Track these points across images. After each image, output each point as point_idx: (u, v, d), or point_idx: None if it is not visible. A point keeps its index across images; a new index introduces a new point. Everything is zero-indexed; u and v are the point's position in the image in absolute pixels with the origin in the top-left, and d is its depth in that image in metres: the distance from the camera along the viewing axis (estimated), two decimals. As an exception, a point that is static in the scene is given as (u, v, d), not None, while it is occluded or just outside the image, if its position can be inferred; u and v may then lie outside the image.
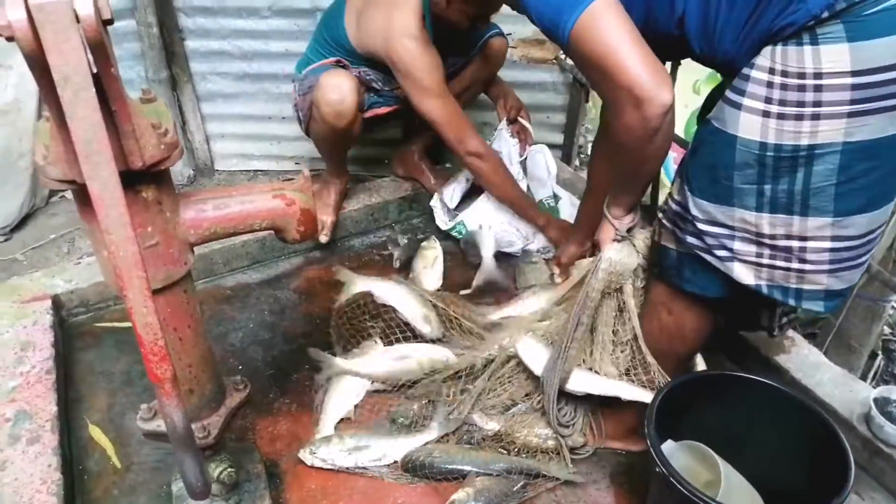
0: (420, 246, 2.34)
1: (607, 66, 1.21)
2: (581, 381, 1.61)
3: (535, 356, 1.69)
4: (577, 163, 2.98)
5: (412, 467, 1.64)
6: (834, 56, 1.05)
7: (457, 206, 2.47)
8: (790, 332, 1.95)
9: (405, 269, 2.33)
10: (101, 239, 1.06)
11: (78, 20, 0.79)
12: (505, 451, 1.69)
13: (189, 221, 1.12)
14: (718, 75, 2.51)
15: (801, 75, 1.08)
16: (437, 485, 1.63)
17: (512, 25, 2.70)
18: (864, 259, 1.25)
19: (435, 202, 2.48)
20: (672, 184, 1.40)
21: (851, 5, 1.01)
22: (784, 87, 1.10)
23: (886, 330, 2.63)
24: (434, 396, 1.80)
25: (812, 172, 1.14)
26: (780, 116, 1.12)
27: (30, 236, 2.68)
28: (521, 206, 2.28)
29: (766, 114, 1.13)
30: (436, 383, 1.81)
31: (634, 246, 1.56)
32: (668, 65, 2.16)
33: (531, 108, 2.88)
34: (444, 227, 2.44)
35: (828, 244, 1.20)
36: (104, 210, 0.87)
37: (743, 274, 1.27)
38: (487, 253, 2.30)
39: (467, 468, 1.63)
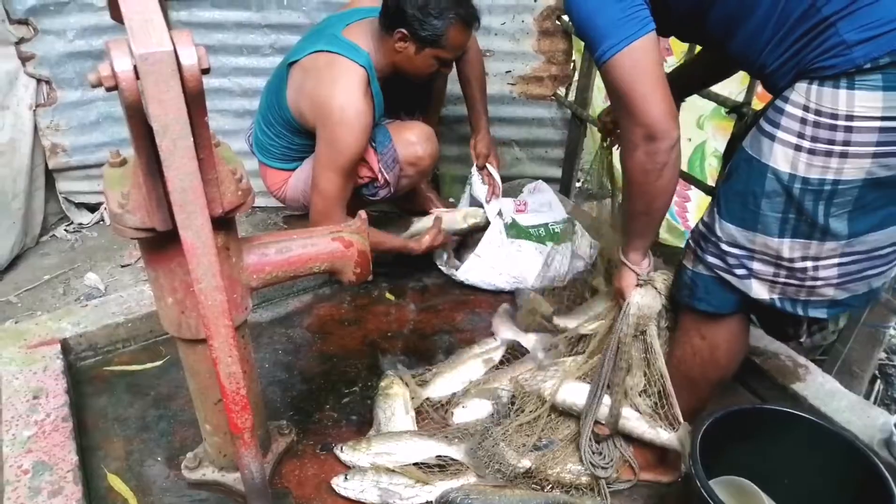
0: (379, 388, 1.95)
1: (632, 102, 1.32)
2: (629, 419, 1.66)
3: (579, 393, 1.72)
4: (574, 196, 3.03)
5: (447, 508, 1.63)
6: (867, 102, 1.12)
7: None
8: (804, 361, 2.00)
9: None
10: (168, 285, 1.05)
11: (180, 70, 0.79)
12: (539, 488, 1.69)
13: (252, 266, 1.11)
14: (723, 111, 2.62)
15: (834, 116, 1.15)
16: (473, 525, 1.62)
17: (511, 63, 2.77)
18: (869, 273, 1.32)
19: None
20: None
21: (894, 62, 1.08)
22: (817, 124, 1.17)
23: (882, 355, 2.71)
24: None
25: (832, 203, 1.22)
26: (811, 152, 1.19)
27: (22, 277, 2.61)
28: (396, 247, 2.32)
29: (798, 147, 1.20)
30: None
31: (656, 288, 1.61)
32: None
33: (530, 144, 2.95)
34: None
35: (836, 260, 1.29)
36: (196, 259, 0.86)
37: (759, 291, 1.36)
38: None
39: (504, 507, 1.62)
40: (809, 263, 1.30)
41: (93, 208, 2.93)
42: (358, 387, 2.02)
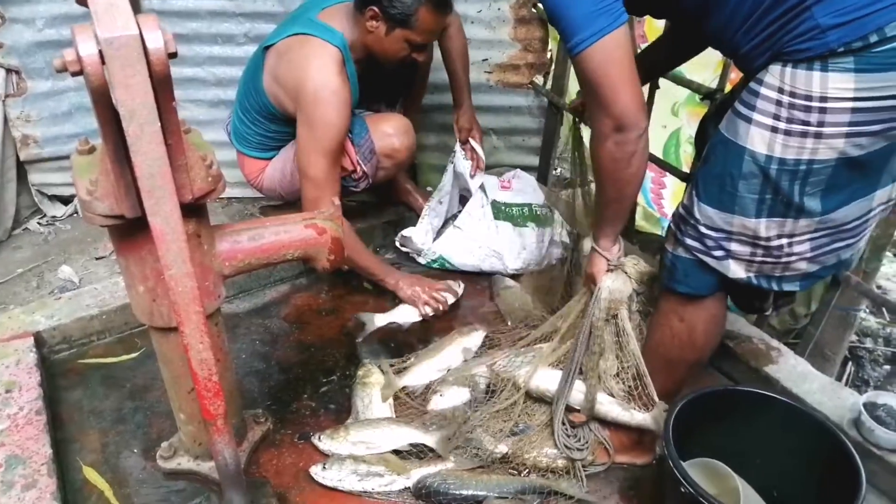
0: (357, 377, 1.95)
1: (603, 94, 1.34)
2: (604, 403, 1.68)
3: (552, 380, 1.75)
4: (551, 184, 3.04)
5: (425, 493, 1.63)
6: (840, 83, 1.15)
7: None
8: (776, 344, 2.03)
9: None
10: (139, 273, 1.04)
11: (146, 55, 0.79)
12: (516, 473, 1.70)
13: (224, 253, 1.11)
14: (696, 98, 2.65)
15: (808, 97, 1.18)
16: (451, 510, 1.63)
17: (488, 51, 2.77)
18: (838, 245, 1.36)
19: (409, 242, 2.51)
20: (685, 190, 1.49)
21: (865, 45, 1.11)
22: (792, 106, 1.20)
23: (854, 338, 2.76)
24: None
25: (808, 183, 1.25)
26: (787, 133, 1.22)
27: (-6, 271, 2.57)
28: (369, 267, 2.24)
29: (774, 129, 1.23)
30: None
31: (626, 273, 1.65)
32: (646, 89, 2.26)
33: (506, 132, 2.96)
34: (423, 261, 2.50)
35: (809, 236, 1.33)
36: (165, 245, 0.86)
37: (736, 270, 1.40)
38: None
39: (481, 492, 1.63)
40: (785, 241, 1.33)
41: (66, 200, 2.89)
42: (336, 376, 2.02)
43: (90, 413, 1.87)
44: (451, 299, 2.29)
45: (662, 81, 2.29)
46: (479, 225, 2.46)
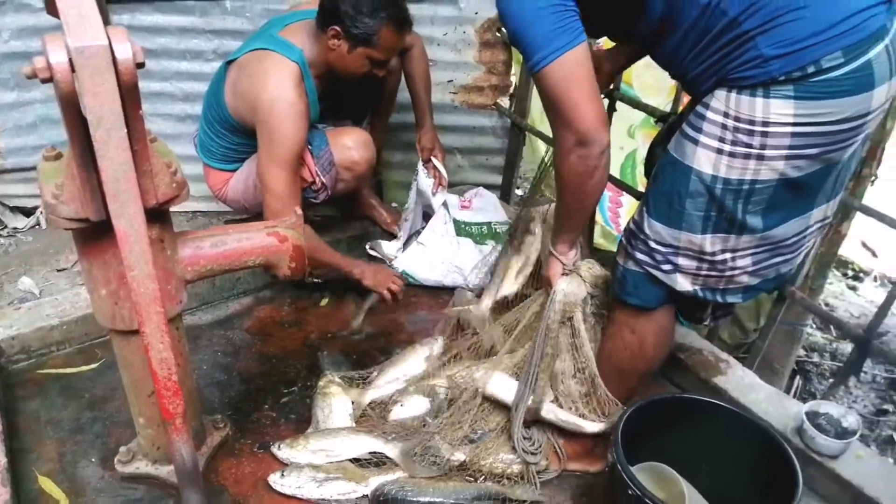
0: (318, 387, 1.98)
1: (564, 110, 1.38)
2: (551, 409, 1.72)
3: (505, 387, 1.78)
4: (514, 203, 3.11)
5: (383, 501, 1.66)
6: (781, 109, 1.23)
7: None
8: (725, 356, 2.11)
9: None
10: (102, 276, 1.07)
11: (115, 64, 0.83)
12: (472, 479, 1.74)
13: (187, 259, 1.14)
14: (652, 121, 2.75)
15: (752, 122, 1.26)
16: (408, 517, 1.66)
17: (453, 73, 2.84)
18: (778, 260, 1.44)
19: (379, 247, 2.56)
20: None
21: (804, 76, 1.19)
22: (736, 129, 1.28)
23: (802, 352, 2.87)
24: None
25: (750, 202, 1.33)
26: (731, 154, 1.30)
27: (-49, 282, 2.54)
28: (334, 261, 2.32)
29: (719, 151, 1.31)
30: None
31: (581, 277, 1.70)
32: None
33: (470, 151, 3.03)
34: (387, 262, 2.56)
35: (751, 251, 1.40)
36: (129, 247, 0.89)
37: (683, 284, 1.47)
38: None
39: (438, 499, 1.66)
40: (728, 255, 1.41)
41: (28, 212, 2.88)
42: (297, 387, 2.05)
43: (47, 423, 1.86)
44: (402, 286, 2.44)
45: (619, 105, 2.38)
46: (442, 241, 2.52)
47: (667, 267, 1.46)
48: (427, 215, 2.66)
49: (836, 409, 1.83)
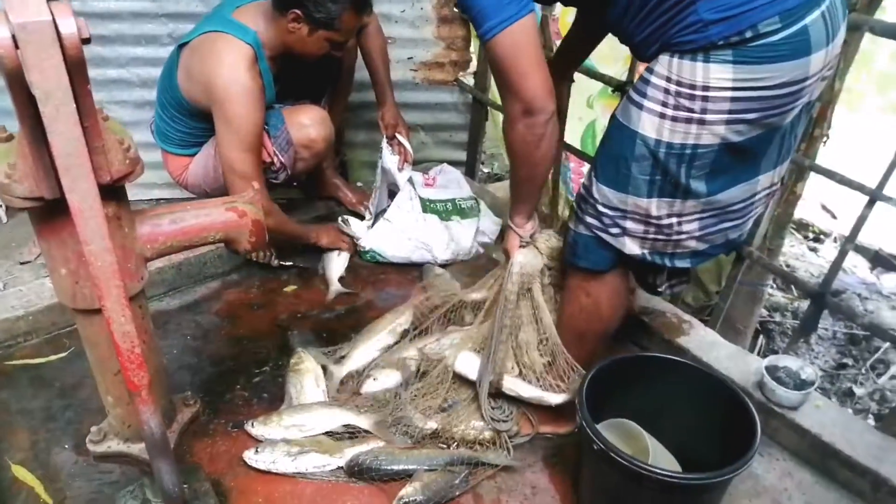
0: (290, 365, 2.00)
1: (512, 79, 1.42)
2: (512, 384, 1.77)
3: (471, 365, 1.83)
4: (480, 177, 3.14)
5: (358, 471, 1.70)
6: (720, 74, 1.26)
7: None
8: (688, 317, 2.17)
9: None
10: (61, 255, 1.07)
11: (60, 39, 0.83)
12: (445, 447, 1.78)
13: (146, 236, 1.14)
14: (609, 91, 2.78)
15: (693, 87, 1.29)
16: (383, 485, 1.69)
17: (413, 49, 2.85)
18: (726, 226, 1.48)
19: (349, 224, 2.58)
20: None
21: (742, 40, 1.22)
22: (678, 94, 1.31)
23: (765, 312, 2.94)
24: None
25: (693, 166, 1.36)
26: (674, 119, 1.33)
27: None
28: (295, 232, 2.41)
29: (662, 115, 1.34)
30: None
31: (538, 248, 1.75)
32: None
33: (434, 128, 3.04)
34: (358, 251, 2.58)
35: (697, 216, 1.44)
36: (84, 221, 0.90)
37: (631, 247, 1.50)
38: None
39: (412, 466, 1.70)
40: (674, 220, 1.44)
41: (-12, 207, 2.84)
42: (269, 366, 2.06)
43: (18, 413, 1.86)
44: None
45: (577, 75, 2.41)
46: (408, 217, 2.53)
47: (615, 230, 1.49)
48: (393, 193, 2.67)
49: (794, 362, 1.90)
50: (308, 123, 2.26)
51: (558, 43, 2.86)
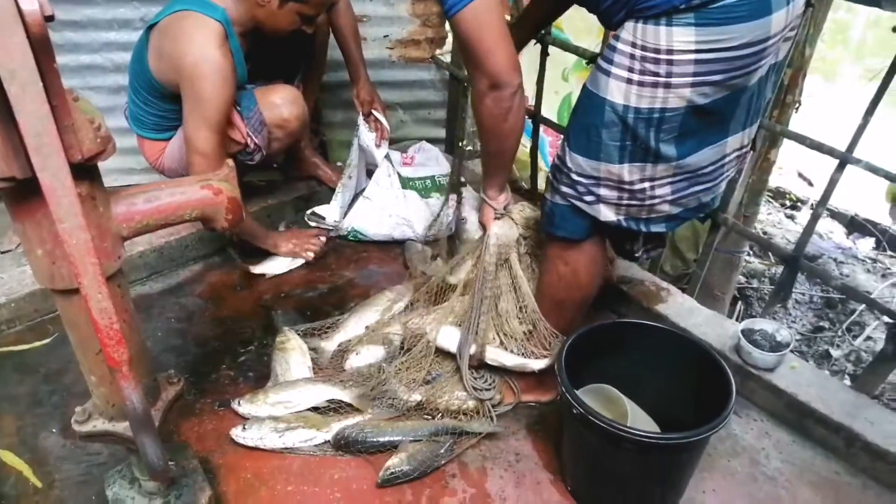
0: (276, 343, 2.03)
1: (478, 53, 1.44)
2: (495, 355, 1.80)
3: (452, 339, 1.86)
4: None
5: (344, 444, 1.72)
6: (683, 37, 1.27)
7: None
8: (665, 285, 2.20)
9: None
10: (36, 236, 1.08)
11: (22, 16, 0.83)
12: (430, 418, 1.81)
13: (121, 215, 1.15)
14: (584, 64, 2.79)
15: (657, 51, 1.30)
16: (370, 457, 1.72)
17: (388, 27, 2.84)
18: (697, 189, 1.50)
19: (318, 219, 2.59)
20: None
21: (703, 3, 1.24)
22: (643, 59, 1.32)
23: (742, 279, 2.99)
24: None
25: (661, 130, 1.38)
26: (640, 84, 1.34)
27: None
28: (253, 231, 2.38)
29: (629, 81, 1.35)
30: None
31: (513, 219, 1.77)
32: (535, 53, 2.38)
33: (412, 106, 3.04)
34: (335, 235, 2.58)
35: (669, 180, 1.46)
36: (56, 199, 0.90)
37: (607, 214, 1.52)
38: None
39: (397, 438, 1.73)
40: (647, 185, 1.46)
41: (-35, 197, 2.81)
42: (254, 346, 2.08)
43: (4, 399, 1.87)
44: (322, 241, 2.50)
45: (552, 49, 2.42)
46: (388, 194, 2.54)
47: (589, 198, 1.51)
48: (371, 172, 2.68)
49: (769, 325, 1.94)
50: (280, 103, 2.24)
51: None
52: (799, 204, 3.92)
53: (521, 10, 2.50)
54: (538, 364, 1.78)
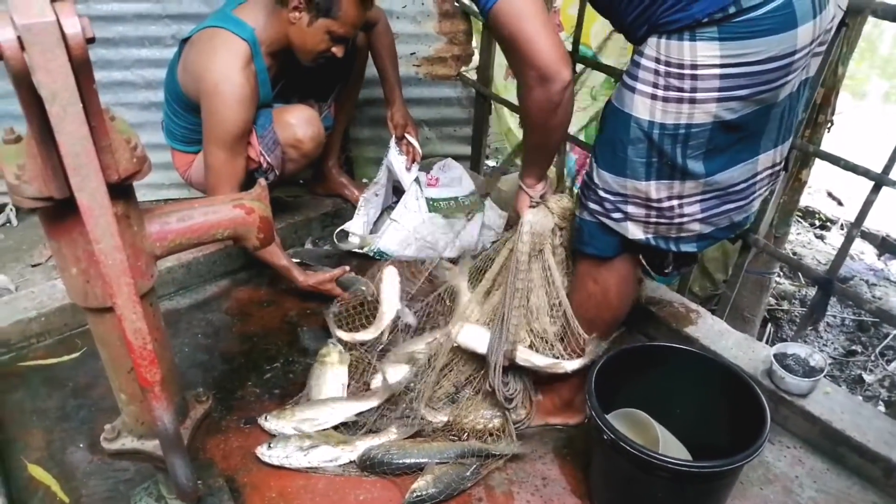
0: (318, 354, 2.04)
1: (520, 47, 1.37)
2: (527, 355, 1.75)
3: (478, 337, 1.81)
4: (484, 172, 3.14)
5: (370, 465, 1.71)
6: (707, 52, 1.26)
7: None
8: (695, 306, 2.17)
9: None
10: (71, 255, 1.08)
11: (65, 39, 0.84)
12: (456, 438, 1.79)
13: (155, 234, 1.15)
14: (612, 82, 2.77)
15: (681, 66, 1.29)
16: (395, 479, 1.70)
17: (415, 45, 2.85)
18: (729, 207, 1.47)
19: (345, 239, 2.57)
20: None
21: (726, 16, 1.22)
22: (668, 74, 1.31)
23: (772, 300, 2.94)
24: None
25: (688, 146, 1.36)
26: (665, 100, 1.33)
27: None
28: (279, 266, 2.26)
29: (654, 97, 1.34)
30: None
31: (549, 208, 1.72)
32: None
33: (437, 123, 3.04)
34: (358, 249, 2.56)
35: (699, 197, 1.43)
36: (93, 220, 0.91)
37: (635, 231, 1.50)
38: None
39: (423, 460, 1.71)
40: (675, 202, 1.44)
41: (-2, 210, 2.86)
42: (279, 363, 2.08)
43: (33, 413, 1.88)
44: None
45: (579, 67, 2.41)
46: (415, 217, 2.54)
47: (617, 215, 1.49)
48: (396, 190, 2.68)
49: (802, 349, 1.89)
50: (294, 123, 2.22)
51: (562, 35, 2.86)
52: (828, 224, 3.86)
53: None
54: (571, 364, 1.73)
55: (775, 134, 1.42)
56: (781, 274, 3.20)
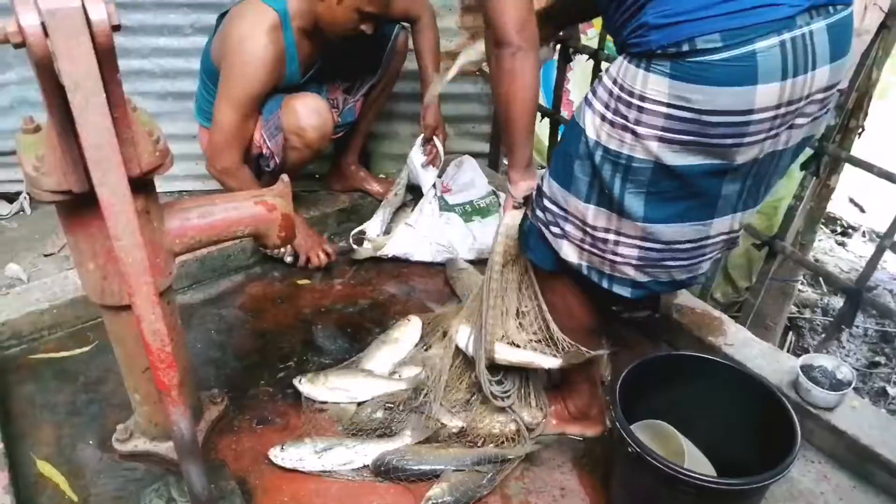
0: (393, 325, 2.14)
1: (487, 10, 1.38)
2: (505, 353, 1.69)
3: (465, 338, 1.79)
4: (503, 169, 3.09)
5: (385, 470, 1.67)
6: (656, 86, 1.18)
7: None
8: (718, 314, 2.12)
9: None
10: (88, 250, 1.05)
11: (90, 26, 0.80)
12: (473, 445, 1.75)
13: (174, 231, 1.11)
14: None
15: (631, 94, 1.22)
16: (410, 485, 1.66)
17: (436, 40, 2.80)
18: (671, 264, 1.40)
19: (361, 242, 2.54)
20: None
21: (679, 53, 1.15)
22: (619, 99, 1.24)
23: (794, 308, 2.88)
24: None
25: (628, 179, 1.29)
26: (612, 123, 1.26)
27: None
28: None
29: (603, 117, 1.28)
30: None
31: None
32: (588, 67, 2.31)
33: (457, 120, 2.99)
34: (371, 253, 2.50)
35: (637, 243, 1.36)
36: (114, 216, 0.87)
37: (569, 253, 1.45)
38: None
39: (439, 466, 1.67)
40: (612, 237, 1.37)
41: (11, 199, 2.83)
42: (293, 361, 2.04)
43: (43, 407, 1.85)
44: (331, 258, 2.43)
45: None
46: (430, 221, 2.49)
47: (556, 230, 1.44)
48: (413, 188, 2.63)
49: (830, 361, 1.85)
50: (300, 110, 2.17)
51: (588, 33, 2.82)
52: (850, 231, 3.80)
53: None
54: (550, 362, 1.66)
55: (735, 200, 1.33)
56: (804, 282, 3.15)
